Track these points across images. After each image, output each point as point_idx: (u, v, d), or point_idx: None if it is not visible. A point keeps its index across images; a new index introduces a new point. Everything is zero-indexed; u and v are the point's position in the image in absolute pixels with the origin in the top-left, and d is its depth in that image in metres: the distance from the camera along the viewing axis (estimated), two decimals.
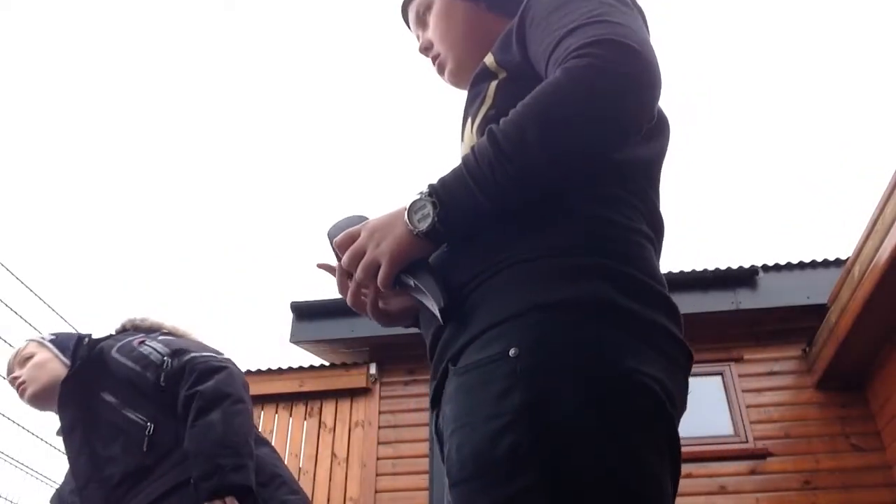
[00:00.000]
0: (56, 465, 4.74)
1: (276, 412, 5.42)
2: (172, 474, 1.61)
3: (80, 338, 1.90)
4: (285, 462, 5.65)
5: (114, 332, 1.92)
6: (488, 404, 0.76)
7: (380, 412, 5.20)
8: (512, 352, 0.76)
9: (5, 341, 4.37)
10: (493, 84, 1.00)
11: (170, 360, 1.69)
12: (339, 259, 0.95)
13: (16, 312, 4.45)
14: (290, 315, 5.65)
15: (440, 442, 0.90)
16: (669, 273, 5.02)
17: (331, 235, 0.98)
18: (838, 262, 4.86)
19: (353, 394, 5.33)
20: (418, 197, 0.86)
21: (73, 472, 1.73)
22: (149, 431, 1.65)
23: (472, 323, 0.83)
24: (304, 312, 5.59)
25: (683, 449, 0.84)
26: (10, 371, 1.96)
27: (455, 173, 0.86)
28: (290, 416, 5.40)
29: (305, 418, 5.35)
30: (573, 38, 0.85)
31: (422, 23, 1.21)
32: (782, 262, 5.06)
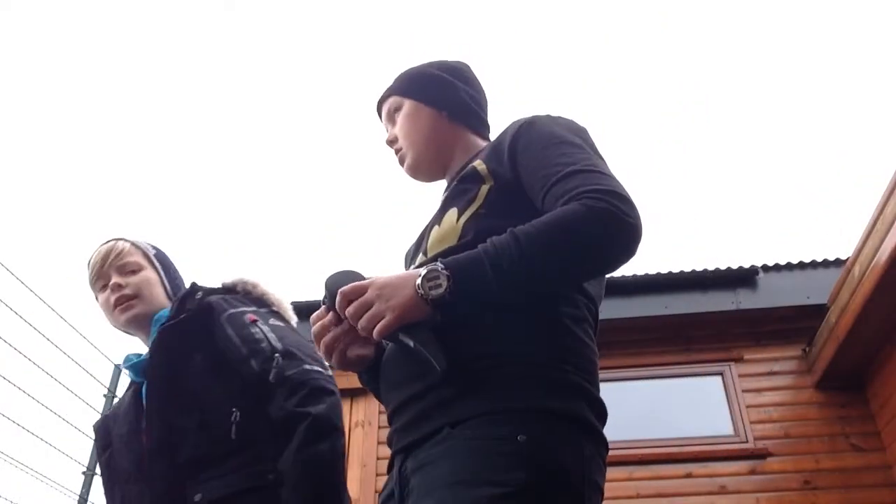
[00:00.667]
0: (55, 465, 4.74)
1: None
2: (243, 474, 1.47)
3: (192, 287, 1.67)
4: None
5: (222, 287, 1.70)
6: (494, 472, 0.92)
7: (380, 412, 5.20)
8: (520, 438, 0.94)
9: (5, 340, 4.37)
10: (485, 188, 1.17)
11: (280, 359, 1.51)
12: (329, 308, 1.08)
13: (16, 313, 4.45)
14: None
15: (402, 486, 1.03)
16: (670, 273, 5.03)
17: (329, 285, 1.08)
18: (838, 262, 4.86)
19: (352, 394, 5.32)
20: (433, 268, 0.99)
21: (147, 435, 1.54)
22: (234, 418, 1.50)
23: (481, 400, 0.99)
24: (304, 312, 5.57)
25: (685, 448, 0.98)
26: (103, 273, 1.67)
27: (471, 258, 1.00)
28: None
29: None
30: (579, 180, 1.04)
31: (391, 119, 1.40)
32: (782, 262, 5.05)
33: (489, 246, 1.01)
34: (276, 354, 1.51)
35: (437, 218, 1.22)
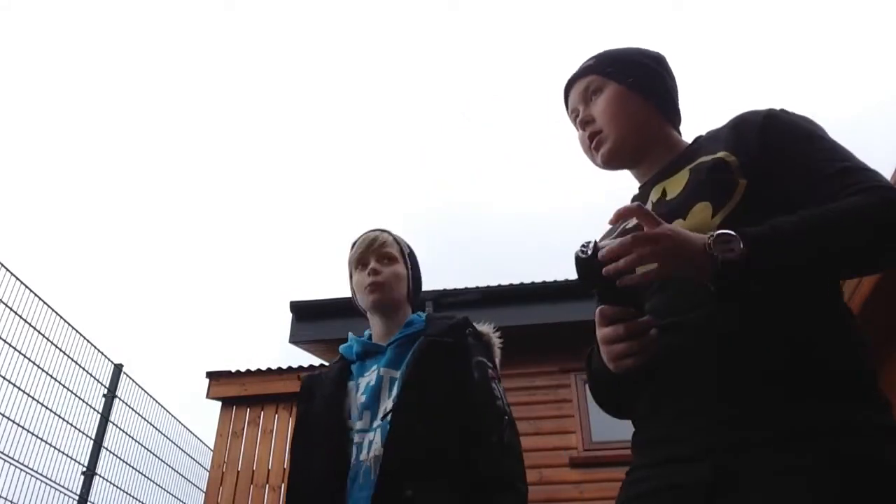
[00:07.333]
0: (54, 466, 4.73)
1: (276, 412, 5.42)
2: (445, 494, 1.52)
3: (466, 321, 1.81)
4: (285, 462, 5.62)
5: (475, 330, 1.82)
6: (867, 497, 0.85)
7: None
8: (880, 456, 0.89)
9: (5, 341, 4.37)
10: (742, 184, 1.07)
11: (507, 423, 1.62)
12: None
13: (17, 313, 4.45)
14: (290, 315, 5.65)
15: (720, 477, 0.93)
16: None
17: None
18: None
19: None
20: (724, 231, 0.93)
21: (392, 420, 1.61)
22: (451, 456, 1.56)
23: (815, 410, 0.93)
24: (304, 312, 5.59)
25: None
26: (364, 257, 1.86)
27: (760, 229, 0.94)
28: (290, 416, 5.41)
29: None
30: (858, 176, 1.00)
31: (585, 99, 1.32)
32: None
33: (776, 224, 0.95)
34: (506, 417, 1.65)
35: (680, 208, 1.12)
